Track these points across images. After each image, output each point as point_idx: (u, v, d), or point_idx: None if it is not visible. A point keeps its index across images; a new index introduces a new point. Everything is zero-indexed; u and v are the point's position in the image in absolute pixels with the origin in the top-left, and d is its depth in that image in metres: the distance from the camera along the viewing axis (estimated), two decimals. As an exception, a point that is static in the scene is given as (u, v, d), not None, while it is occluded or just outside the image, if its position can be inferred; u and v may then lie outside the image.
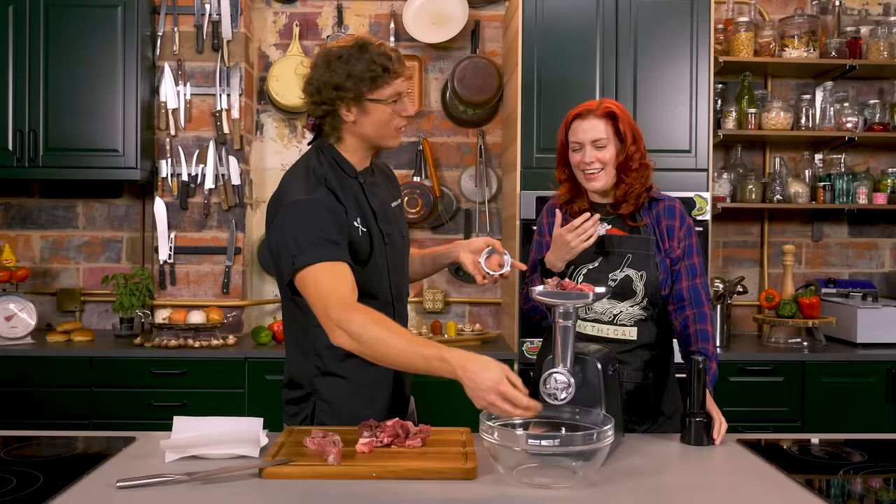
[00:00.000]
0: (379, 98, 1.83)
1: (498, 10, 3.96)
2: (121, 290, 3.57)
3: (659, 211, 2.10)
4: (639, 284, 2.04)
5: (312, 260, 1.72)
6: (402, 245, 2.02)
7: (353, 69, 1.80)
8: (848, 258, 4.08)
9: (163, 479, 1.50)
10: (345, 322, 1.65)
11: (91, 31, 3.49)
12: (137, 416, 3.23)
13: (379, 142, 1.91)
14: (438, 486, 1.51)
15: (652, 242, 2.06)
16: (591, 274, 2.06)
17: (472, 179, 3.94)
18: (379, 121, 1.86)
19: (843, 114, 3.74)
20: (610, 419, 1.58)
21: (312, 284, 1.72)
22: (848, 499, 1.58)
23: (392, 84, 1.83)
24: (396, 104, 1.86)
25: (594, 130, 2.03)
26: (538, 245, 2.23)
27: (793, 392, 3.36)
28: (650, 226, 2.08)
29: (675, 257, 2.07)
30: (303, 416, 1.93)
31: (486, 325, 3.93)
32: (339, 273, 1.73)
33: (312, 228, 1.75)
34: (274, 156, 3.98)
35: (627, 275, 2.04)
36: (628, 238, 2.07)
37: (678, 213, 2.10)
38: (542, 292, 1.72)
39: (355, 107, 1.83)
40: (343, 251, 1.77)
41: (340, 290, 1.70)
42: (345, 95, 1.81)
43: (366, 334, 1.64)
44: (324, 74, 1.83)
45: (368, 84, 1.81)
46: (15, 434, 1.89)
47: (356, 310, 1.67)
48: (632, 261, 2.05)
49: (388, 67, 1.82)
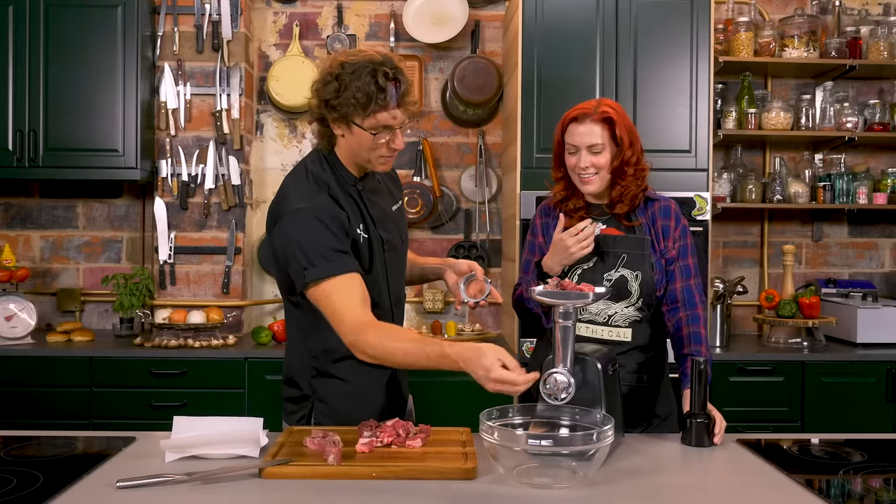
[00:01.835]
0: (361, 125, 1.79)
1: (498, 10, 3.96)
2: (121, 290, 3.57)
3: (654, 211, 2.10)
4: (634, 285, 2.03)
5: (324, 274, 1.74)
6: (401, 251, 2.03)
7: (342, 90, 1.76)
8: (848, 258, 4.08)
9: (163, 479, 1.50)
10: (361, 344, 1.72)
11: (91, 31, 3.49)
12: (137, 416, 3.23)
13: (364, 164, 1.88)
14: (438, 486, 1.51)
15: (647, 242, 2.05)
16: (585, 274, 2.06)
17: (472, 179, 3.94)
18: (362, 145, 1.82)
19: (843, 114, 3.74)
20: (610, 419, 1.58)
21: (325, 301, 1.76)
22: (848, 499, 1.58)
23: (377, 116, 1.77)
24: (378, 136, 1.80)
25: (590, 135, 2.02)
26: (531, 245, 2.23)
27: (793, 392, 3.36)
28: (645, 225, 2.08)
29: (671, 257, 2.06)
30: (300, 416, 1.94)
31: (486, 325, 3.94)
32: (350, 286, 1.75)
33: (319, 238, 1.76)
34: (274, 156, 3.98)
35: (623, 275, 2.04)
36: (623, 238, 2.06)
37: (673, 214, 2.10)
38: (542, 292, 1.72)
39: (343, 125, 1.81)
40: (352, 260, 1.79)
41: (352, 306, 1.74)
42: (332, 113, 1.80)
43: (380, 351, 1.71)
44: (319, 86, 1.81)
45: (352, 109, 1.77)
46: (15, 434, 1.89)
47: (366, 330, 1.72)
48: (627, 261, 2.05)
49: (375, 99, 1.75)
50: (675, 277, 2.06)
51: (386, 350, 1.70)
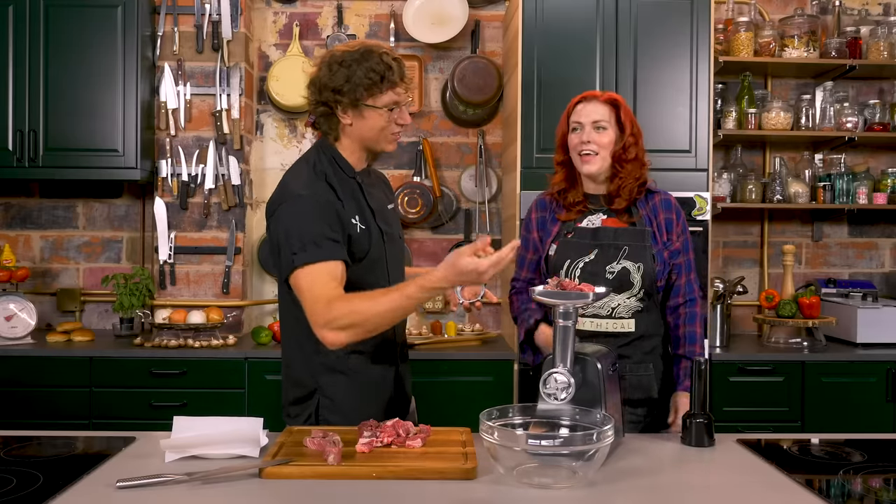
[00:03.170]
0: (374, 105, 1.87)
1: (498, 10, 3.96)
2: (121, 290, 3.57)
3: (656, 203, 2.13)
4: (636, 276, 2.05)
5: (312, 259, 1.76)
6: (399, 244, 2.06)
7: (352, 75, 1.84)
8: (848, 258, 4.08)
9: (163, 479, 1.50)
10: (333, 321, 1.73)
11: (91, 31, 3.49)
12: (137, 416, 3.23)
13: (374, 145, 1.94)
14: (438, 486, 1.51)
15: (648, 234, 2.07)
16: (588, 267, 2.07)
17: (472, 179, 3.94)
18: (374, 126, 1.90)
19: (843, 114, 3.74)
20: (610, 419, 1.58)
21: (308, 286, 1.77)
22: (848, 499, 1.58)
23: (389, 93, 1.87)
24: (392, 112, 1.90)
25: (596, 112, 2.09)
26: (524, 241, 2.23)
27: (793, 392, 3.36)
28: (646, 217, 2.10)
29: (675, 250, 2.10)
30: (306, 416, 1.94)
31: (486, 325, 3.93)
32: (333, 272, 1.77)
33: (313, 225, 1.79)
34: (274, 156, 3.98)
35: (625, 267, 2.06)
36: (624, 230, 2.08)
37: (674, 208, 2.14)
38: (542, 292, 1.71)
39: (352, 110, 1.88)
40: (341, 249, 1.80)
41: (333, 292, 1.75)
42: (342, 99, 1.86)
43: (355, 318, 1.72)
44: (325, 76, 1.87)
45: (365, 90, 1.85)
46: (15, 434, 1.89)
47: (335, 304, 1.73)
48: (629, 252, 2.06)
49: (386, 76, 1.86)
50: (680, 272, 2.11)
51: (360, 317, 1.72)
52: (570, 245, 2.11)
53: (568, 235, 2.12)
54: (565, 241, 2.12)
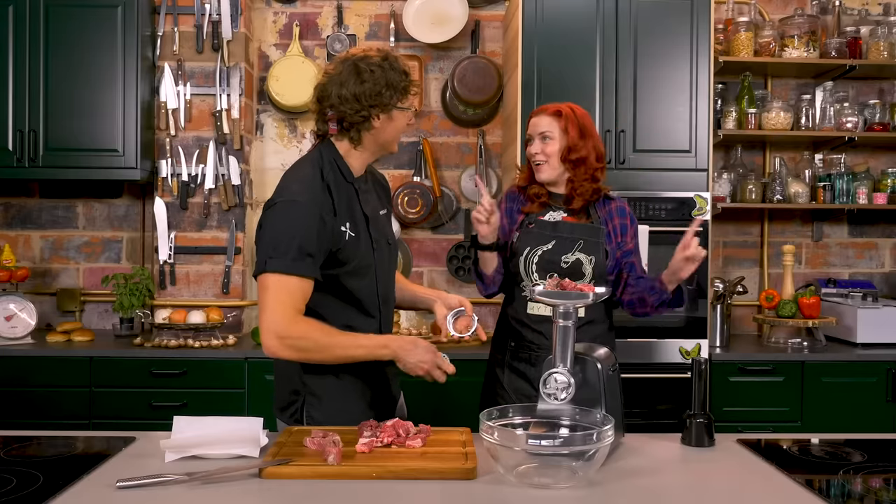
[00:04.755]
0: (404, 106, 1.94)
1: (498, 10, 3.96)
2: (121, 290, 3.57)
3: (612, 209, 2.35)
4: (588, 267, 2.27)
5: (289, 270, 1.79)
6: (388, 252, 2.06)
7: (390, 79, 1.90)
8: (848, 258, 4.08)
9: (163, 479, 1.50)
10: (288, 336, 1.78)
11: (91, 31, 3.49)
12: (137, 416, 3.23)
13: (391, 147, 2.02)
14: (438, 486, 1.51)
15: (602, 232, 2.30)
16: (545, 255, 2.28)
17: (472, 179, 3.94)
18: (399, 127, 1.98)
19: (843, 114, 3.74)
20: (610, 419, 1.58)
21: (275, 292, 1.79)
22: (848, 499, 1.58)
23: (411, 96, 1.97)
24: (411, 113, 2.00)
25: (542, 124, 2.31)
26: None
27: (793, 392, 3.36)
28: (602, 219, 2.33)
29: (628, 250, 2.33)
30: (291, 412, 1.96)
31: (486, 325, 3.93)
32: (303, 290, 1.81)
33: (300, 236, 1.80)
34: (274, 156, 3.98)
35: (578, 258, 2.27)
36: (582, 225, 2.30)
37: (629, 214, 2.37)
38: (541, 292, 1.72)
39: (384, 114, 1.92)
40: (314, 267, 1.83)
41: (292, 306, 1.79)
42: (382, 103, 1.90)
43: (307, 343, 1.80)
44: (355, 86, 1.87)
45: (397, 96, 1.92)
46: (15, 434, 1.89)
47: (298, 322, 1.79)
48: (583, 246, 2.28)
49: (410, 77, 1.96)
50: (635, 267, 2.34)
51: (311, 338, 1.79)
52: (532, 234, 2.31)
53: (530, 226, 2.33)
54: (527, 231, 2.32)
